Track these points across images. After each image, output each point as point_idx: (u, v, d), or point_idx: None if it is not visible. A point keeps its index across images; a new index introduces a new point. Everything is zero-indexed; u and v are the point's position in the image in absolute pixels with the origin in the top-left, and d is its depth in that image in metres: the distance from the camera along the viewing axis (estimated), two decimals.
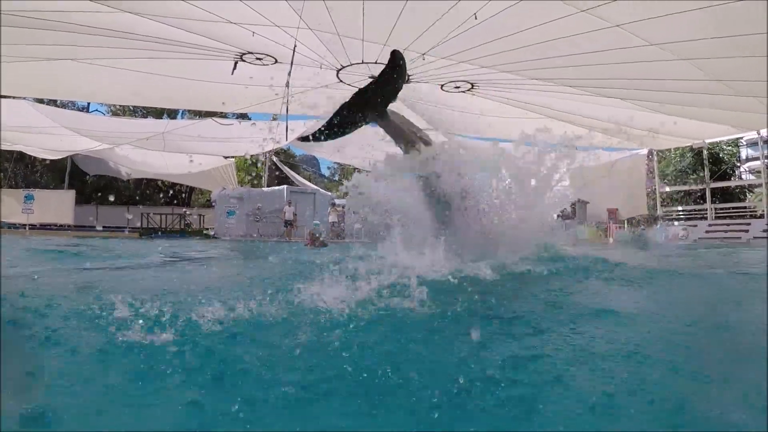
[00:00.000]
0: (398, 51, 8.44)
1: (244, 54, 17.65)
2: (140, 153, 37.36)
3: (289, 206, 27.29)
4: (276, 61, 17.88)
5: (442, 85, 19.80)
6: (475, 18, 13.32)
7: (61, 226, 34.63)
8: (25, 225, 33.41)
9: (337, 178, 66.86)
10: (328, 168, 72.94)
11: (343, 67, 18.19)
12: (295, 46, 15.29)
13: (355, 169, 62.27)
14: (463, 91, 20.36)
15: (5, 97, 25.90)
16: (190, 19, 14.54)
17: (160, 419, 2.10)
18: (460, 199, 7.82)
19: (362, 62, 17.27)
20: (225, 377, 2.50)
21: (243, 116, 33.42)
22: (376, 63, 17.32)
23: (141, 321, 3.25)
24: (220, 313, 3.55)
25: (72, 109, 39.91)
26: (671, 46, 14.26)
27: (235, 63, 18.22)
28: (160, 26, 15.12)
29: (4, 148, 37.05)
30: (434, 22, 13.98)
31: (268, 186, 36.29)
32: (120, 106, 48.46)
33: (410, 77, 18.77)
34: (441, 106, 22.71)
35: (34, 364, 2.67)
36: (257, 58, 17.90)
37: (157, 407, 2.20)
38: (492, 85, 19.50)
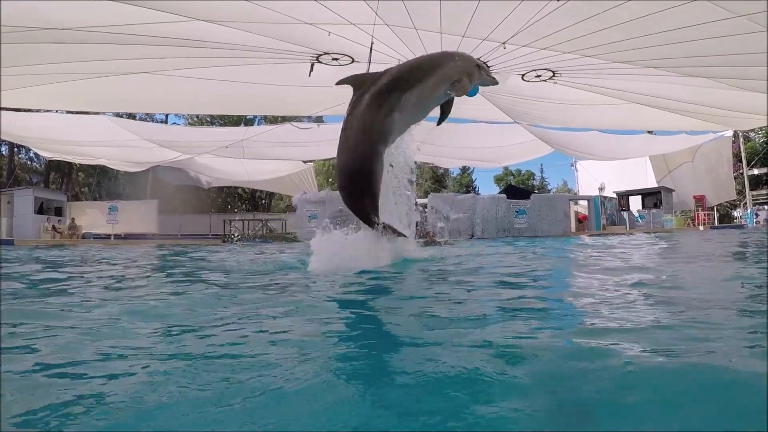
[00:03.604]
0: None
1: (320, 55, 17.52)
2: (219, 161, 38.03)
3: None
4: (353, 61, 17.72)
5: (522, 75, 19.31)
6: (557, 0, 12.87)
7: (145, 234, 35.37)
8: (110, 235, 34.24)
9: (414, 177, 66.50)
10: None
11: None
12: (372, 43, 15.05)
13: (432, 168, 62.37)
14: (545, 80, 19.81)
15: (86, 113, 26.56)
16: (265, 23, 14.48)
17: None
18: None
19: None
20: None
21: (318, 120, 33.52)
22: None
23: None
24: None
25: (150, 122, 40.80)
26: (757, 16, 13.51)
27: (312, 65, 18.10)
28: (235, 32, 15.12)
29: (86, 163, 38.21)
30: (515, 8, 13.54)
31: None
32: (196, 116, 49.47)
33: (490, 68, 18.39)
34: (522, 98, 22.23)
35: None
36: (333, 59, 17.74)
37: None
38: (574, 72, 18.92)
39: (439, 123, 8.49)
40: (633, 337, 2.93)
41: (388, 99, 7.41)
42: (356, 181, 7.48)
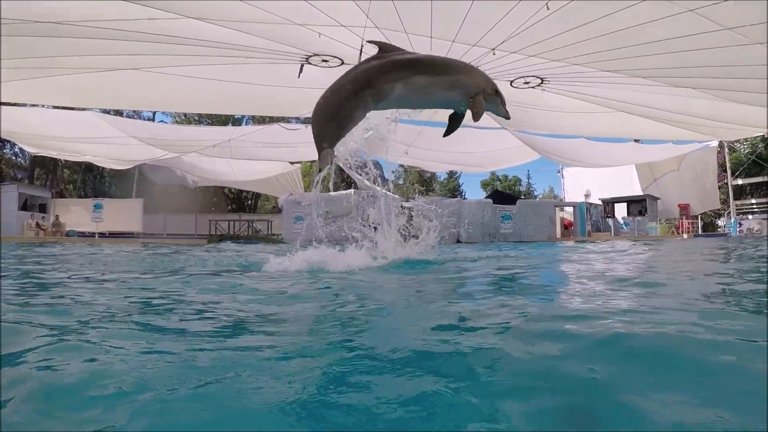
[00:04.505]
0: None
1: (310, 56, 17.51)
2: (206, 161, 37.89)
3: (374, 208, 26.70)
4: (342, 63, 17.71)
5: (511, 81, 19.36)
6: (547, 8, 12.93)
7: (130, 233, 35.17)
8: (94, 233, 33.98)
9: (401, 181, 66.36)
10: (393, 171, 72.17)
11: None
12: (362, 46, 15.05)
13: (419, 172, 62.37)
14: (533, 87, 19.89)
15: (72, 109, 26.36)
16: (255, 22, 14.45)
17: None
18: None
19: None
20: None
21: (306, 121, 33.45)
22: None
23: None
24: None
25: (137, 119, 40.55)
26: (744, 29, 13.66)
27: (302, 66, 18.09)
28: (225, 31, 15.08)
29: (72, 159, 37.88)
30: (505, 15, 13.61)
31: (335, 190, 36.29)
32: (184, 115, 49.21)
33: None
34: (511, 104, 22.26)
35: None
36: (323, 60, 17.74)
37: None
38: (563, 79, 19.01)
39: (445, 134, 8.53)
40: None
41: (402, 70, 7.50)
42: (333, 108, 7.51)
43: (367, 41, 8.64)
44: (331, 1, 13.33)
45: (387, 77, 7.41)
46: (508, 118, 8.50)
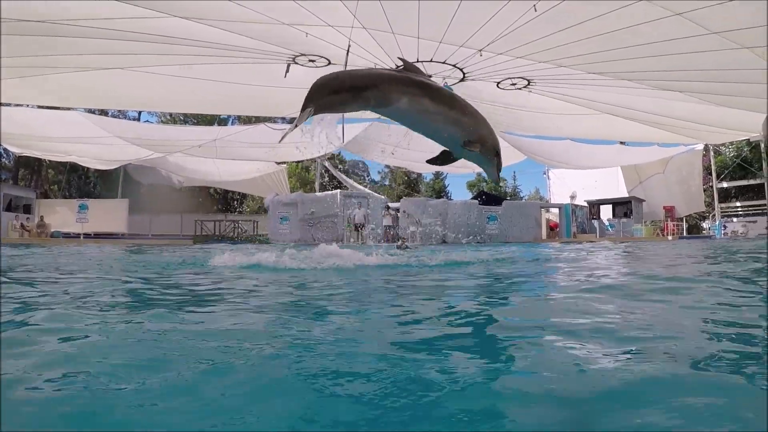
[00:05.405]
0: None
1: (297, 56, 17.48)
2: (192, 161, 37.68)
3: (360, 209, 26.77)
4: (329, 63, 17.68)
5: (498, 83, 19.40)
6: (535, 10, 12.94)
7: (115, 234, 34.99)
8: (79, 234, 33.76)
9: (387, 182, 66.28)
10: (379, 172, 71.98)
11: (398, 66, 17.91)
12: (350, 46, 15.05)
13: (405, 172, 62.36)
14: (519, 88, 19.93)
15: (57, 108, 26.18)
16: (243, 22, 14.41)
17: None
18: None
19: (417, 60, 16.91)
20: None
21: (293, 121, 33.38)
22: (431, 61, 17.06)
23: None
24: None
25: (122, 119, 40.34)
26: (732, 34, 13.73)
27: (288, 65, 18.05)
28: (212, 30, 15.02)
29: (57, 159, 37.59)
30: (492, 15, 13.62)
31: (320, 191, 36.30)
32: (170, 115, 48.99)
33: (466, 75, 18.48)
34: (497, 105, 22.31)
35: None
36: (310, 60, 17.71)
37: None
38: (549, 81, 19.05)
39: (428, 162, 8.53)
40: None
41: (414, 87, 7.46)
42: (338, 85, 7.49)
43: (398, 58, 8.78)
44: (319, 0, 13.30)
45: (397, 87, 7.40)
46: (497, 183, 8.48)
